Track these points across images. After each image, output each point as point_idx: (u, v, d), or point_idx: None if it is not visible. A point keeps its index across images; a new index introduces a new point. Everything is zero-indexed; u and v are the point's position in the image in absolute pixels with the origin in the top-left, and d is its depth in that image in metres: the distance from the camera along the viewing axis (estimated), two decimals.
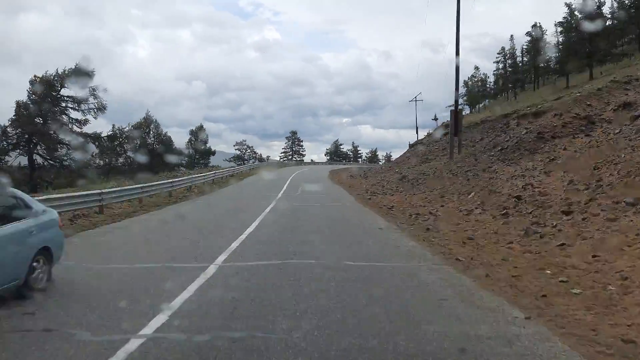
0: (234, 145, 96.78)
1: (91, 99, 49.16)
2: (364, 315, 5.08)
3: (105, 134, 53.59)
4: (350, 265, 7.58)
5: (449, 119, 30.73)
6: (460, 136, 26.58)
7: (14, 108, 46.55)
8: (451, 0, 31.50)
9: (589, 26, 39.88)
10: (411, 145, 47.90)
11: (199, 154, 75.75)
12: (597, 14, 43.42)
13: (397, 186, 25.15)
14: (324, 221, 13.60)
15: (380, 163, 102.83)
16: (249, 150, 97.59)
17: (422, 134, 55.06)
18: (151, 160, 55.06)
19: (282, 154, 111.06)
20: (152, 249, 9.28)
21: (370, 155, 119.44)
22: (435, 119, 59.01)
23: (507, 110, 28.73)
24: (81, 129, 50.02)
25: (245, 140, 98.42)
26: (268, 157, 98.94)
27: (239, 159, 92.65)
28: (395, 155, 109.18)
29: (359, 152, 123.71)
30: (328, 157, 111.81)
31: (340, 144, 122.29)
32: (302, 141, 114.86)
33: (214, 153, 79.37)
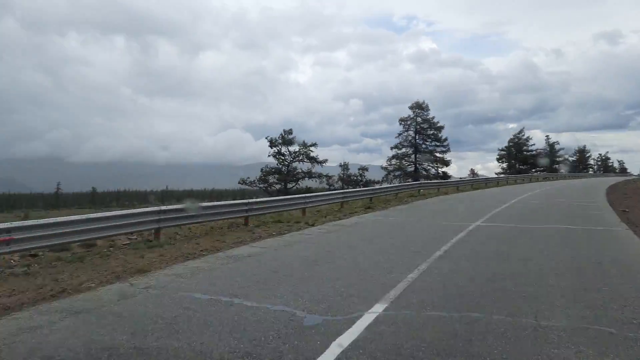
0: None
1: None
2: None
3: None
4: None
5: None
6: None
7: None
8: None
9: None
10: None
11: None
12: None
13: None
14: None
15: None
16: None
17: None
18: None
19: (389, 162, 57.00)
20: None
21: (600, 162, 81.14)
22: None
23: None
24: None
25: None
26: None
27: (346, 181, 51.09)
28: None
29: (557, 152, 72.53)
30: (504, 165, 69.06)
31: (527, 138, 69.77)
32: (437, 127, 56.35)
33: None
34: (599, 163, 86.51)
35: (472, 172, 65.58)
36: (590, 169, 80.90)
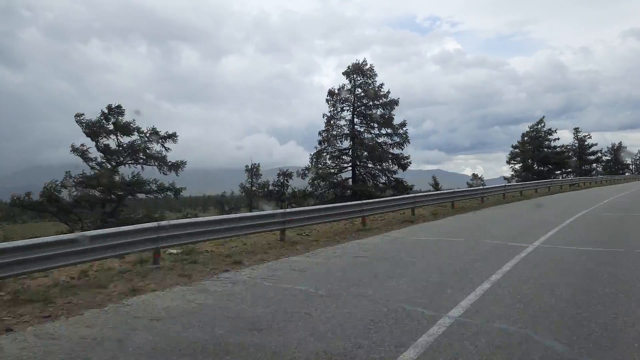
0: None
1: None
2: None
3: None
4: None
5: None
6: None
7: None
8: None
9: None
10: None
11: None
12: None
13: None
14: None
15: None
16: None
17: None
18: None
19: (312, 164, 34.47)
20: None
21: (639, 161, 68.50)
22: None
23: None
24: None
25: None
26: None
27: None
28: None
29: (589, 148, 58.89)
30: (518, 167, 53.62)
31: (548, 131, 53.50)
32: (388, 102, 33.70)
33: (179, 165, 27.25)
34: (637, 162, 73.80)
35: (475, 177, 49.25)
36: (627, 170, 68.04)
